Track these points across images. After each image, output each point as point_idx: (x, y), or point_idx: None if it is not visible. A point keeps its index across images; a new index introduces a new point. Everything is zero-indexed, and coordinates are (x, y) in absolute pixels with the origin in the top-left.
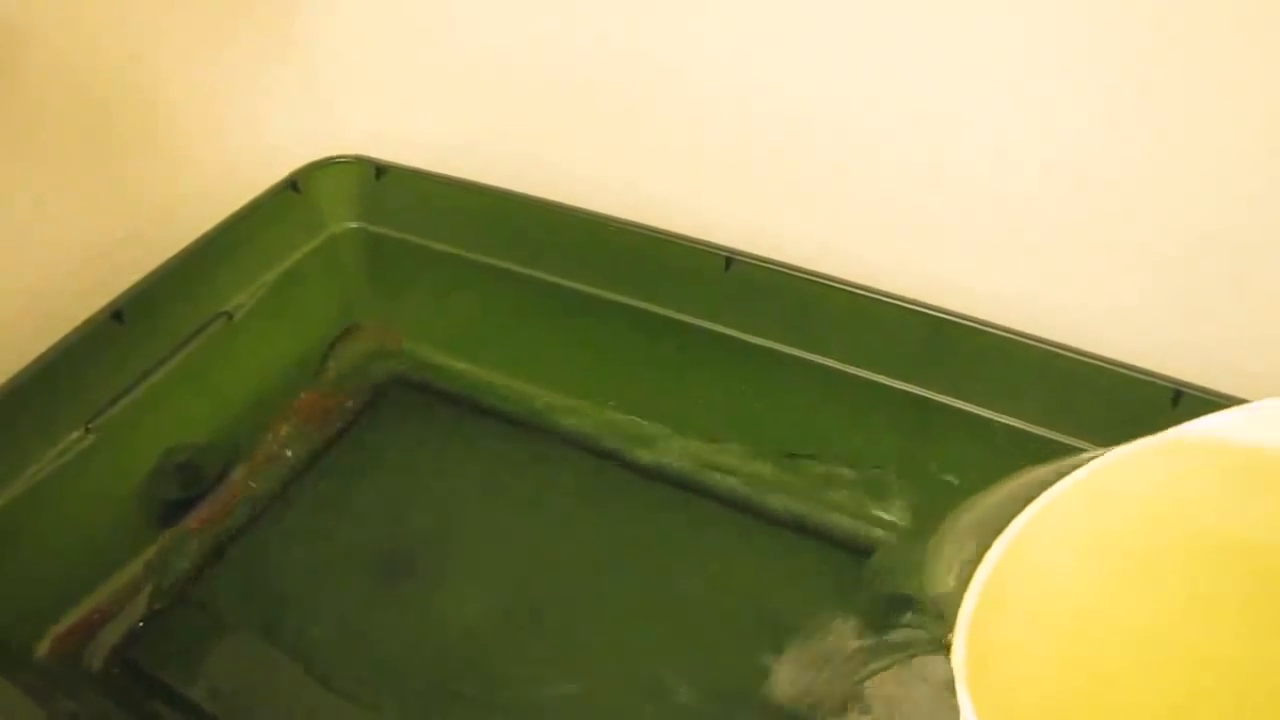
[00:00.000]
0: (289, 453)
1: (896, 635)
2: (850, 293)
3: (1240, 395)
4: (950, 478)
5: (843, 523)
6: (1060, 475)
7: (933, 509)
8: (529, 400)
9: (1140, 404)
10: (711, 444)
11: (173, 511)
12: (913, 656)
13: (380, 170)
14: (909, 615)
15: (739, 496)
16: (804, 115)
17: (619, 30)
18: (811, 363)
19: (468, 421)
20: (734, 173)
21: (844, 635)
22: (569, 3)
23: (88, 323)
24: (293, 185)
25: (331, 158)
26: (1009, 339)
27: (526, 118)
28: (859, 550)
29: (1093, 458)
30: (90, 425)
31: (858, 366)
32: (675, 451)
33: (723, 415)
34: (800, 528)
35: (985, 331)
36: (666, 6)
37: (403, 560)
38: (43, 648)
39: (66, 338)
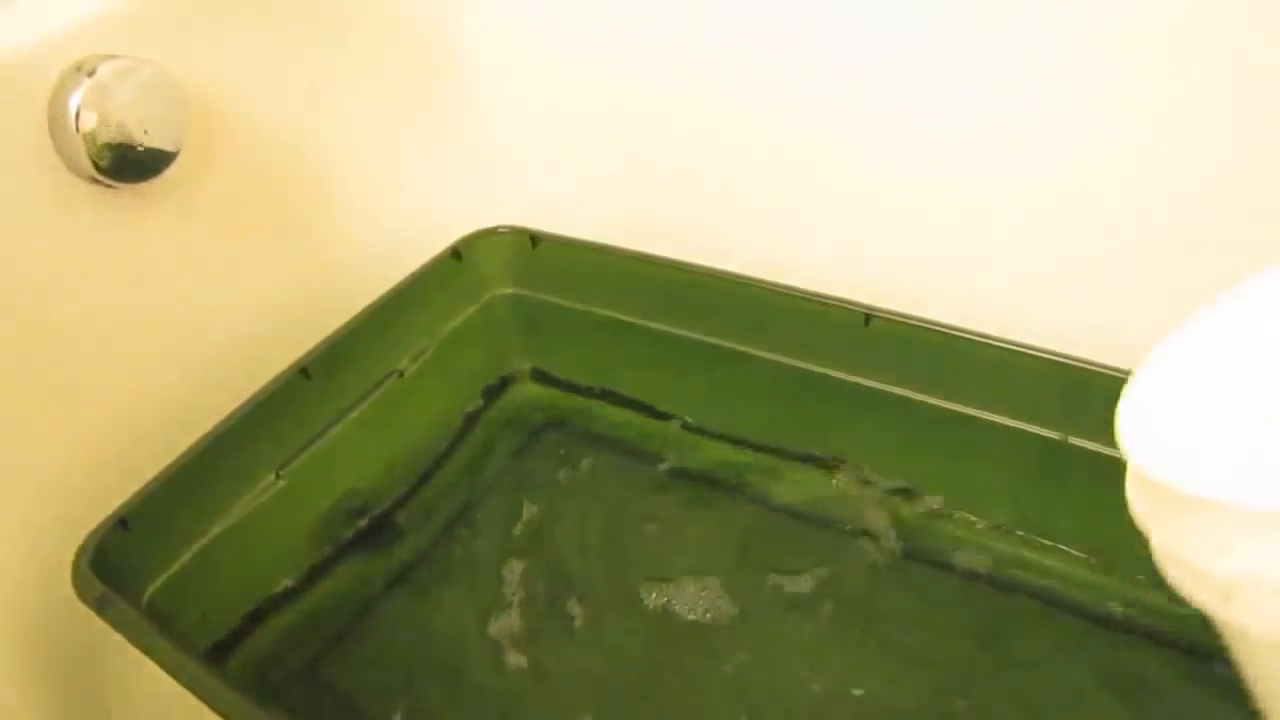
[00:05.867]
0: (452, 494)
1: None
2: (987, 344)
3: None
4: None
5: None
6: None
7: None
8: (673, 443)
9: None
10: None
11: (349, 548)
12: None
13: (535, 239)
14: None
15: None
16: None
17: (758, 114)
18: (949, 410)
19: (615, 464)
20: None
21: None
22: (709, 92)
23: (280, 378)
24: (455, 253)
25: (491, 228)
26: None
27: (673, 189)
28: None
29: None
30: (281, 471)
31: (996, 413)
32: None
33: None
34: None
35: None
36: (812, 92)
37: (560, 597)
38: (234, 661)
39: (263, 391)
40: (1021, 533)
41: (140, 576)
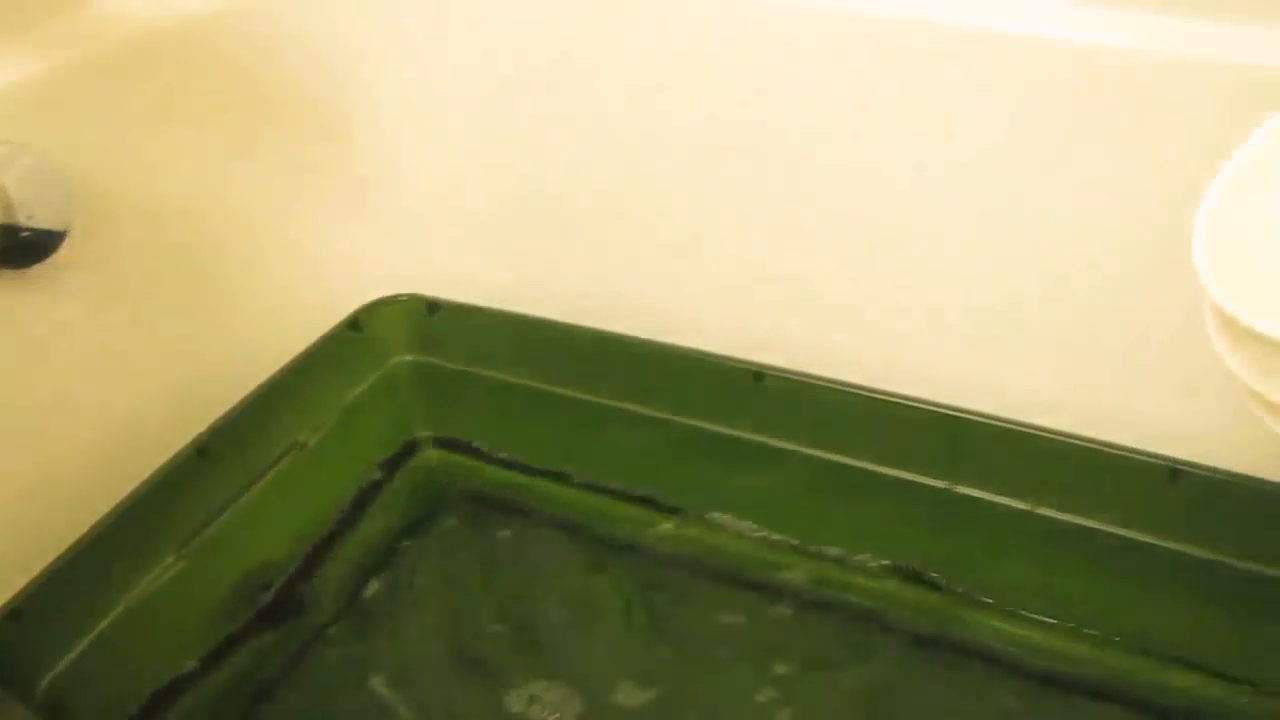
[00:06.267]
0: (358, 566)
1: None
2: (871, 398)
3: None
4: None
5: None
6: None
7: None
8: (575, 505)
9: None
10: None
11: (252, 626)
12: None
13: (432, 306)
14: None
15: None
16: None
17: (658, 178)
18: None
19: (516, 527)
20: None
21: None
22: (608, 158)
23: (176, 458)
24: (354, 323)
25: (389, 297)
26: (1022, 432)
27: (564, 254)
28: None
29: None
30: (181, 551)
31: (881, 464)
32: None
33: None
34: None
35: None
36: (704, 157)
37: (471, 660)
38: None
39: (158, 472)
40: (910, 577)
41: (36, 667)
